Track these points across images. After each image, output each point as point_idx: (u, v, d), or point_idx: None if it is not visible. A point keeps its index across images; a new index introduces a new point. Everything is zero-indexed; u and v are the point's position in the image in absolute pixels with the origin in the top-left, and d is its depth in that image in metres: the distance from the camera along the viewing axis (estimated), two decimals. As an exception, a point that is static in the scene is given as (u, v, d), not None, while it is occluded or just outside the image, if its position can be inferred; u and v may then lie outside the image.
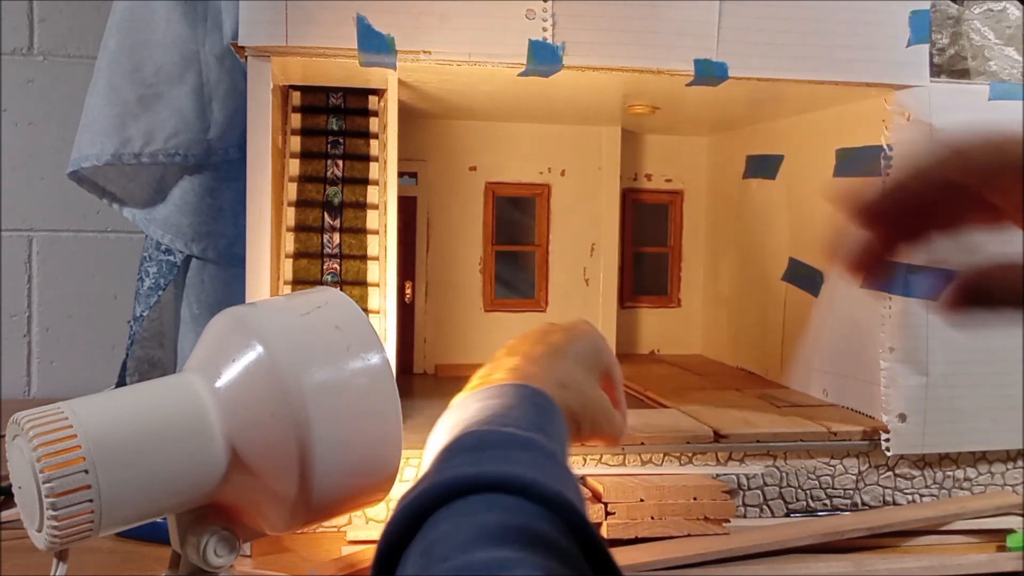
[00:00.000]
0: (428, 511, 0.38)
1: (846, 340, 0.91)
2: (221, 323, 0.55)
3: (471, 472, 0.39)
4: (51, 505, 0.46)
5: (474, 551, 0.34)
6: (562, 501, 0.38)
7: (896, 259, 0.41)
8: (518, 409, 0.50)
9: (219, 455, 0.51)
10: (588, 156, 1.16)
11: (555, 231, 1.16)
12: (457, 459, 0.43)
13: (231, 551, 0.53)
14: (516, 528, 0.36)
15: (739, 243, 1.16)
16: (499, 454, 0.43)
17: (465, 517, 0.37)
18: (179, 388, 0.52)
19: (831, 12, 0.78)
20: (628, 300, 1.25)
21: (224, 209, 0.97)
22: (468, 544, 0.35)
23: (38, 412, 0.49)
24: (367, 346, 0.53)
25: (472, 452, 0.44)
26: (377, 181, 0.83)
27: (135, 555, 0.70)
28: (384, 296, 0.80)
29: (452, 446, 0.45)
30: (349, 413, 0.52)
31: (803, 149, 1.00)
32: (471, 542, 0.35)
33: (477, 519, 0.37)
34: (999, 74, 0.86)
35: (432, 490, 0.38)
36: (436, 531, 0.37)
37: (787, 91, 0.84)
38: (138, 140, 0.91)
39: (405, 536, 0.37)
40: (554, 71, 0.75)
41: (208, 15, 0.93)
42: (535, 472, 0.40)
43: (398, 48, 0.72)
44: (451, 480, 0.39)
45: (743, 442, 0.80)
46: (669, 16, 0.75)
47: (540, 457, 0.44)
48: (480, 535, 0.35)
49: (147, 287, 0.99)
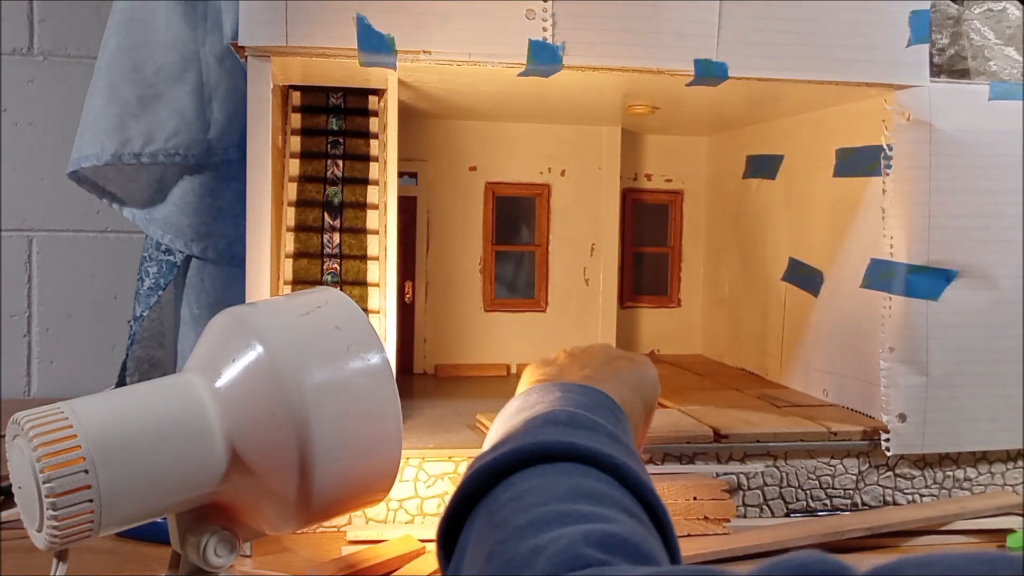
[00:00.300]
0: (516, 467, 0.42)
1: (846, 340, 0.91)
2: (221, 323, 0.55)
3: (565, 441, 0.43)
4: (51, 505, 0.46)
5: (569, 503, 0.38)
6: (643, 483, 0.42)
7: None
8: (600, 409, 0.53)
9: (219, 455, 0.51)
10: (588, 156, 1.16)
11: (555, 231, 1.16)
12: (550, 430, 0.46)
13: (231, 551, 0.53)
14: (603, 492, 0.40)
15: (739, 243, 1.16)
16: (588, 434, 0.46)
17: (560, 476, 0.41)
18: (179, 388, 0.52)
19: (831, 12, 0.78)
20: (628, 300, 1.25)
21: (224, 209, 0.97)
22: (562, 497, 0.39)
23: (38, 412, 0.49)
24: (367, 346, 0.53)
25: (564, 426, 0.47)
26: (377, 181, 0.83)
27: (135, 555, 0.70)
28: (384, 296, 0.80)
29: (544, 418, 0.48)
30: (349, 413, 0.52)
31: (803, 149, 1.00)
32: (564, 495, 0.39)
33: (572, 480, 0.40)
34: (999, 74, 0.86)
35: (529, 448, 0.42)
36: (527, 483, 0.41)
37: (787, 91, 0.84)
38: (138, 140, 0.91)
39: (484, 487, 0.41)
40: (554, 71, 0.75)
41: (208, 15, 0.93)
42: (624, 457, 0.44)
43: (398, 48, 0.72)
44: (550, 443, 0.43)
45: (743, 442, 0.80)
46: (669, 16, 0.75)
47: (624, 449, 0.47)
48: (572, 491, 0.39)
49: (147, 287, 0.99)
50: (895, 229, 0.81)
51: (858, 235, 0.88)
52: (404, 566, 0.67)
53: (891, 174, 0.81)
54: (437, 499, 0.75)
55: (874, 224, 0.84)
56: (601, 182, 1.17)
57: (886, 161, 0.81)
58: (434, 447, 0.76)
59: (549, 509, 0.38)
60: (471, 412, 0.85)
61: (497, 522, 0.39)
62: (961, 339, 0.81)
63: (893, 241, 0.81)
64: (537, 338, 1.16)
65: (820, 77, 0.79)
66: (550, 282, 1.17)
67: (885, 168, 0.81)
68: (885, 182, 0.81)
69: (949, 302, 0.81)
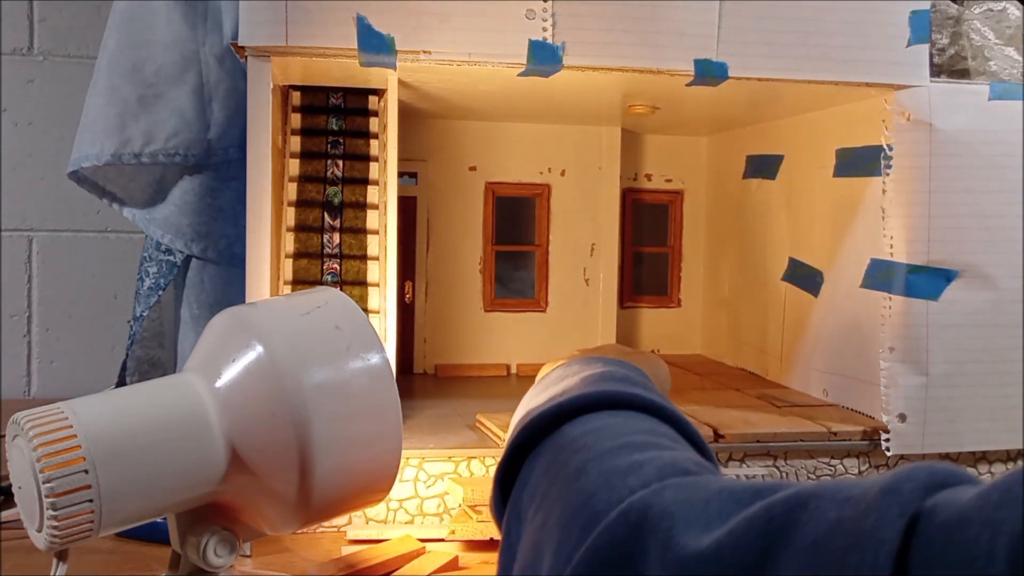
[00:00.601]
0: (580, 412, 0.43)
1: (846, 340, 0.91)
2: (221, 323, 0.55)
3: (628, 391, 0.45)
4: (51, 505, 0.46)
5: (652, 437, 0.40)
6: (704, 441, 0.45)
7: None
8: (639, 377, 0.54)
9: (219, 455, 0.51)
10: (588, 156, 1.16)
11: (555, 231, 1.16)
12: (610, 384, 0.48)
13: (231, 551, 0.53)
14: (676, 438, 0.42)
15: (739, 243, 1.16)
16: (644, 390, 0.48)
17: (631, 419, 0.43)
18: (179, 388, 0.52)
19: (831, 12, 0.78)
20: (628, 300, 1.25)
21: (224, 209, 0.97)
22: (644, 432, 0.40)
23: (38, 412, 0.49)
24: (367, 346, 0.53)
25: (621, 382, 0.49)
26: (377, 181, 0.83)
27: (135, 555, 0.70)
28: (384, 296, 0.80)
29: (602, 375, 0.50)
30: (349, 413, 0.52)
31: (803, 149, 1.00)
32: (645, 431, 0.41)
33: (645, 423, 0.42)
34: (999, 74, 0.86)
35: (596, 395, 0.44)
36: (601, 421, 0.42)
37: (787, 91, 0.84)
38: (138, 140, 0.91)
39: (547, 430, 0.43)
40: (554, 71, 0.75)
41: (208, 15, 0.93)
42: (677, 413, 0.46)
43: (398, 48, 0.72)
44: (612, 392, 0.44)
45: (743, 442, 0.80)
46: (669, 16, 0.75)
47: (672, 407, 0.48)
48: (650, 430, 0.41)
49: (147, 287, 0.99)
50: (895, 229, 0.81)
51: (858, 235, 0.88)
52: (404, 566, 0.67)
53: (891, 174, 0.81)
54: (437, 499, 0.75)
55: (874, 224, 0.84)
56: (601, 182, 1.17)
57: (886, 161, 0.81)
58: (434, 447, 0.76)
59: (636, 438, 0.40)
60: (471, 412, 0.85)
61: (579, 447, 0.40)
62: (961, 339, 0.81)
63: (893, 241, 0.81)
64: (537, 338, 1.16)
65: (820, 77, 0.79)
66: (550, 282, 1.17)
67: (885, 168, 0.81)
68: (885, 182, 0.81)
69: (949, 302, 0.80)
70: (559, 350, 1.19)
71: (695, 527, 0.31)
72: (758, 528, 0.29)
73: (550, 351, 1.16)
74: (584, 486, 0.37)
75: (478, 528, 0.70)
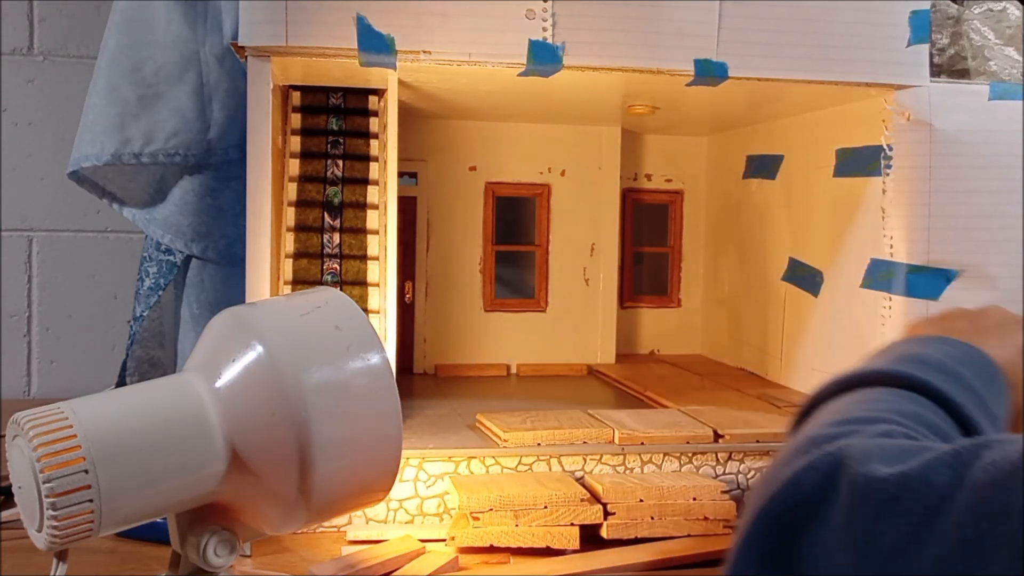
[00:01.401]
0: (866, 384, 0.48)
1: (846, 340, 0.91)
2: (221, 323, 0.55)
3: (922, 377, 0.48)
4: (51, 505, 0.46)
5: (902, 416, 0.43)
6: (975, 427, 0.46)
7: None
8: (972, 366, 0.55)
9: (219, 455, 0.51)
10: (588, 156, 1.16)
11: (555, 231, 1.16)
12: (916, 367, 0.50)
13: (231, 551, 0.53)
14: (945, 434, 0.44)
15: (739, 243, 1.16)
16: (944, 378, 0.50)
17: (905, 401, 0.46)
18: (179, 388, 0.52)
19: (831, 12, 0.78)
20: (628, 300, 1.25)
21: (224, 209, 0.97)
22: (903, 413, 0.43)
23: (38, 412, 0.49)
24: (367, 346, 0.53)
25: (925, 365, 0.51)
26: (377, 181, 0.83)
27: (135, 555, 0.70)
28: (384, 296, 0.80)
29: (913, 357, 0.52)
30: (349, 413, 0.52)
31: (803, 149, 1.00)
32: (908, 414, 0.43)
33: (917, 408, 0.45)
34: (999, 74, 0.86)
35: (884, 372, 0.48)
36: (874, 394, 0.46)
37: (787, 91, 0.84)
38: (138, 140, 0.91)
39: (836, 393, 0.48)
40: (554, 71, 0.75)
41: (208, 15, 0.93)
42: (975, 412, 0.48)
43: (398, 48, 0.72)
44: (904, 373, 0.48)
45: (743, 442, 0.80)
46: (669, 16, 0.75)
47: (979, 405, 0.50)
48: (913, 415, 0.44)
49: (147, 287, 0.99)
50: (895, 229, 0.81)
51: (858, 235, 0.88)
52: (404, 566, 0.67)
53: (891, 174, 0.81)
54: (437, 499, 0.75)
55: (874, 224, 0.84)
56: (601, 182, 1.17)
57: (886, 161, 0.81)
58: (434, 447, 0.76)
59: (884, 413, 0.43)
60: (471, 412, 0.85)
61: (839, 407, 0.46)
62: (961, 339, 0.81)
63: (893, 241, 0.81)
64: (537, 338, 1.16)
65: (820, 77, 0.79)
66: (550, 282, 1.17)
67: (885, 168, 0.81)
68: (885, 182, 0.81)
69: (949, 302, 0.80)
70: (559, 350, 1.20)
71: (884, 463, 0.35)
72: (947, 459, 0.34)
73: (550, 351, 1.17)
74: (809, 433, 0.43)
75: (477, 534, 0.70)
